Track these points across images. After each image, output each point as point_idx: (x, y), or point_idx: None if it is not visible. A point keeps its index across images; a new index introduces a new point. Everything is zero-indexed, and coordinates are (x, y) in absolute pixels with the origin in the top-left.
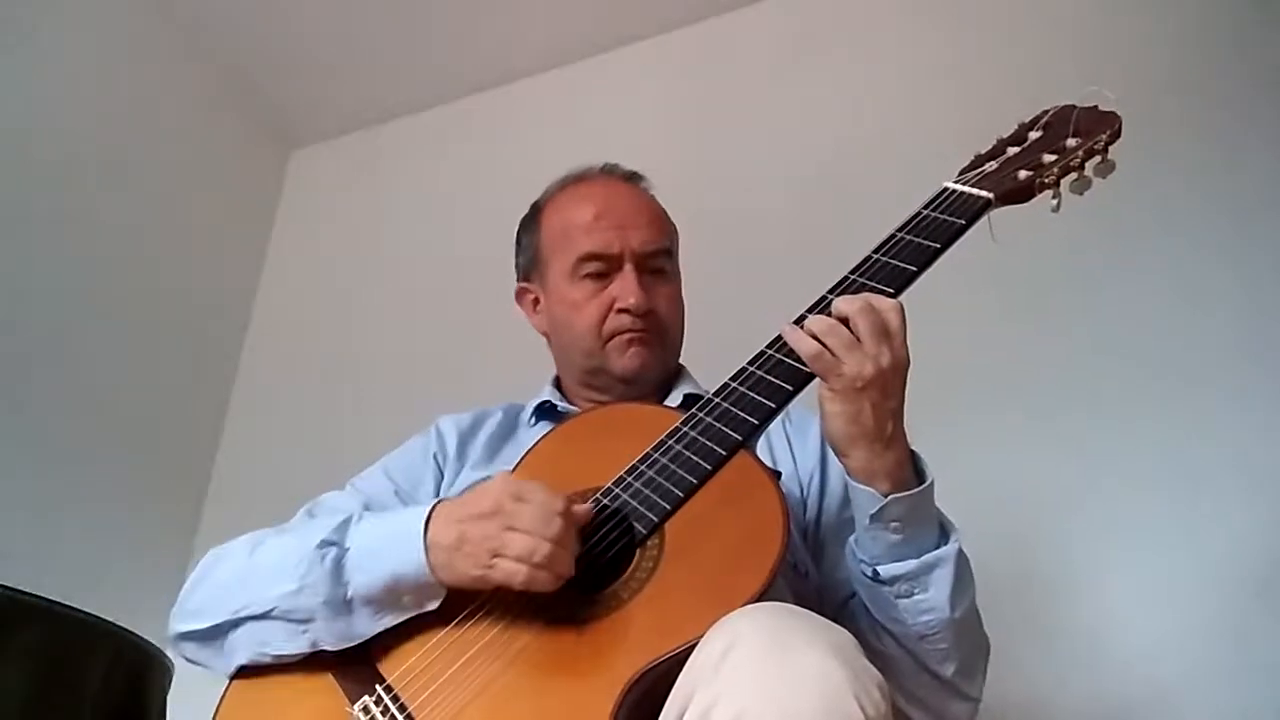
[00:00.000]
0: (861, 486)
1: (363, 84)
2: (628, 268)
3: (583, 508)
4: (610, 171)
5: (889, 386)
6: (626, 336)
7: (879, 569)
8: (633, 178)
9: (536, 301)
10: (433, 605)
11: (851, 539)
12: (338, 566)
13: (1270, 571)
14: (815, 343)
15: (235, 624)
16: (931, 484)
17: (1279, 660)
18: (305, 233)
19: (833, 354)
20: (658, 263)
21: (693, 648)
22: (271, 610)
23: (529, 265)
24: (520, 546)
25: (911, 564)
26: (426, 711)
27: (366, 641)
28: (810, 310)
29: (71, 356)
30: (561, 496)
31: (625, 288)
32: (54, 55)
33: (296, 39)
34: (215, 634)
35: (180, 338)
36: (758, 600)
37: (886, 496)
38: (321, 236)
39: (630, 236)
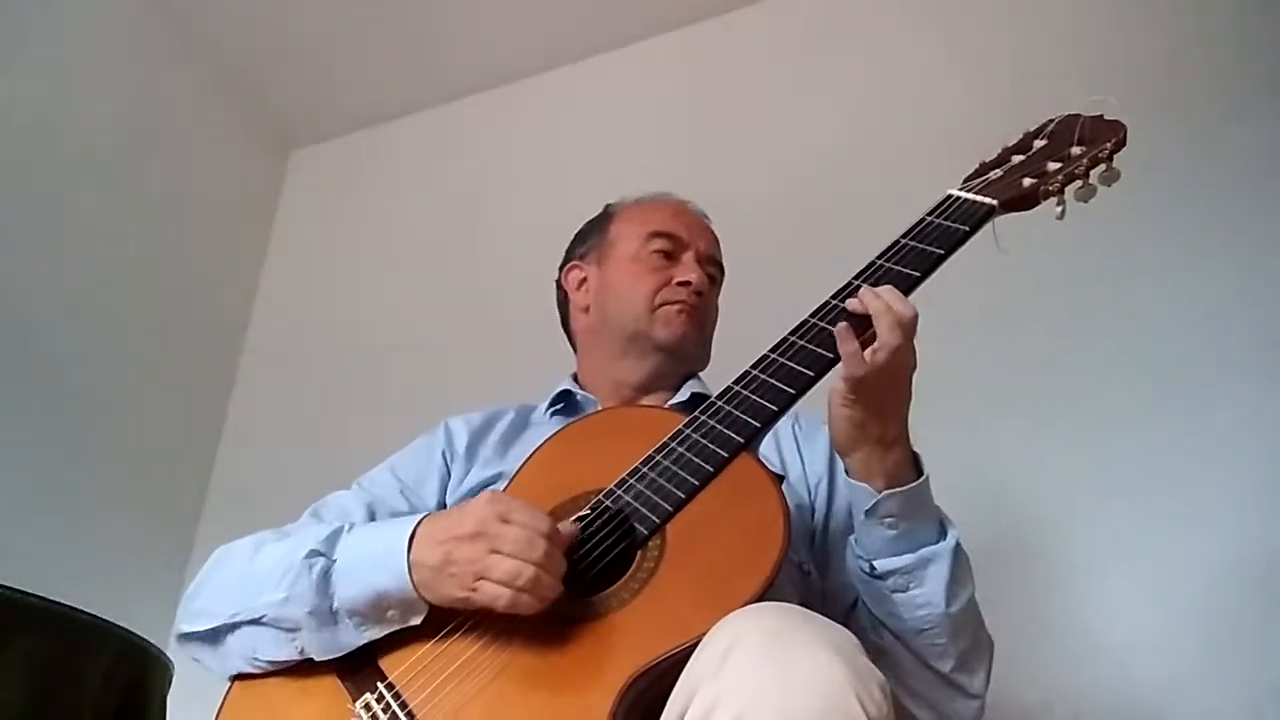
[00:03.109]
0: (858, 484)
1: (363, 84)
2: (691, 255)
3: (569, 527)
4: (684, 200)
5: (907, 393)
6: (677, 307)
7: (875, 563)
8: (702, 213)
9: (584, 280)
10: (416, 620)
11: (851, 536)
12: (324, 578)
13: (1268, 569)
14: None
15: (231, 628)
16: (926, 479)
17: (1277, 656)
18: (305, 233)
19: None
20: (712, 269)
21: (693, 647)
22: (262, 617)
23: (587, 250)
24: (504, 570)
25: (907, 559)
26: (427, 709)
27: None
28: (815, 317)
29: (71, 356)
30: (547, 518)
31: (688, 267)
32: (54, 55)
33: (296, 39)
34: (214, 636)
35: (180, 338)
36: (758, 600)
37: (881, 492)
38: (321, 236)
39: (698, 238)
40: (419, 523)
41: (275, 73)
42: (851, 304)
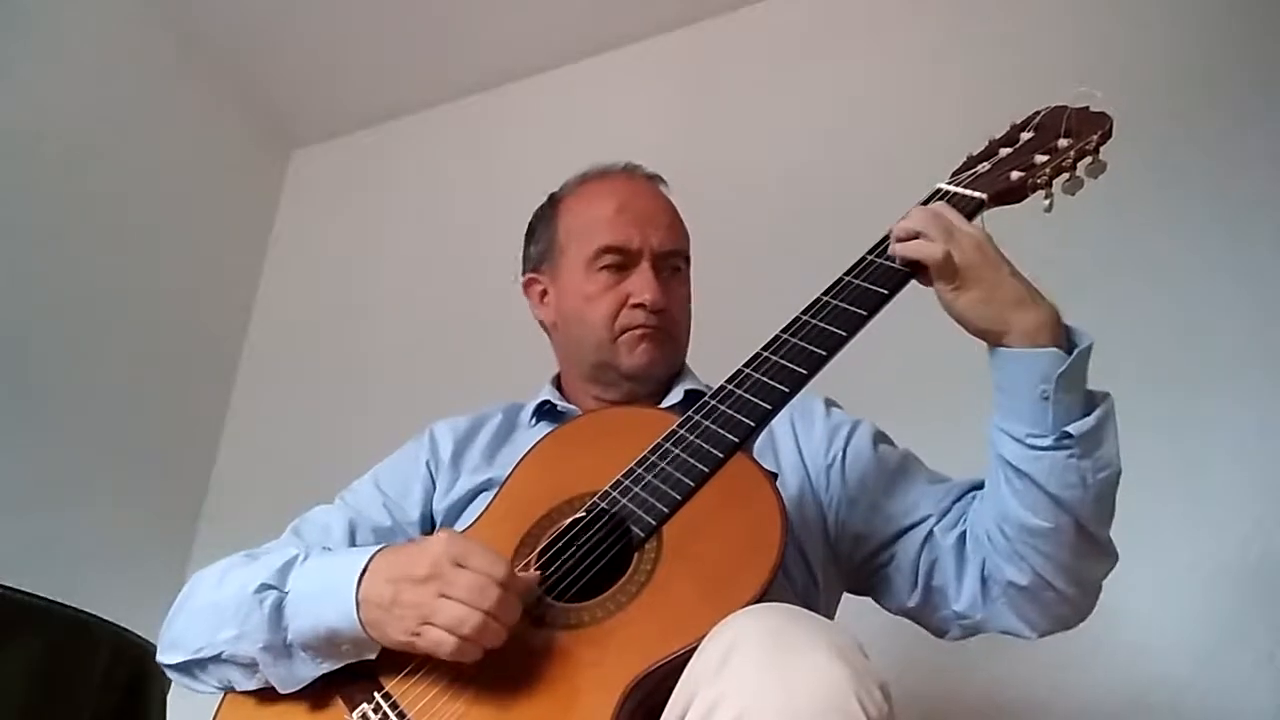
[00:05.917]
0: (1039, 350)
1: (363, 84)
2: (645, 264)
3: (528, 576)
4: (632, 171)
5: (994, 255)
6: (639, 332)
7: (1069, 429)
8: (654, 179)
9: (544, 293)
10: (370, 656)
11: (999, 425)
12: (277, 611)
13: (1271, 568)
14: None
15: (200, 663)
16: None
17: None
18: (305, 233)
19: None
20: (674, 262)
21: (693, 650)
22: (221, 654)
23: (540, 256)
24: (450, 616)
25: (1092, 420)
26: (425, 719)
27: None
28: (807, 314)
29: (72, 356)
30: (505, 563)
31: (642, 283)
32: (55, 56)
33: (296, 39)
34: (187, 668)
35: (180, 338)
36: (758, 601)
37: (1074, 351)
38: (321, 236)
39: (650, 234)
40: (372, 556)
41: (276, 72)
42: (893, 248)
